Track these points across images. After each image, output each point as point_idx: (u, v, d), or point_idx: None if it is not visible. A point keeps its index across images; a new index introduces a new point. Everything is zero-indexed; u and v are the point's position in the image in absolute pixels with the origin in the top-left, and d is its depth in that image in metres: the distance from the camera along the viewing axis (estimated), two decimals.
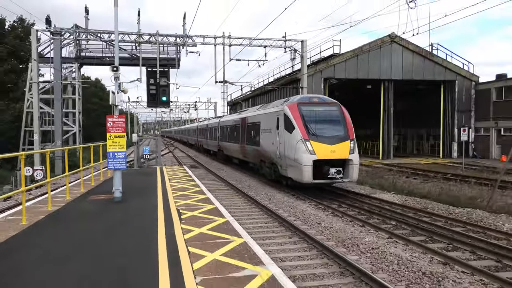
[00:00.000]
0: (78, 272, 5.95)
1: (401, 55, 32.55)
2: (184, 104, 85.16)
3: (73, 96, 37.43)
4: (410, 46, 32.79)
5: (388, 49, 32.62)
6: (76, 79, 36.68)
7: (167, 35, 30.18)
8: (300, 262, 8.42)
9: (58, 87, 30.98)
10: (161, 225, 8.61)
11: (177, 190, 13.79)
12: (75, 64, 35.71)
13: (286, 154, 16.53)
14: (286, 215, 12.73)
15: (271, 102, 25.52)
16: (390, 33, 32.21)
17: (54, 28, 30.17)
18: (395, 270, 7.86)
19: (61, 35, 30.44)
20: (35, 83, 30.83)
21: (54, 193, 13.44)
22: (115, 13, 12.04)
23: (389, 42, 32.44)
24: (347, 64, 32.16)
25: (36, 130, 30.36)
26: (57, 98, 31.01)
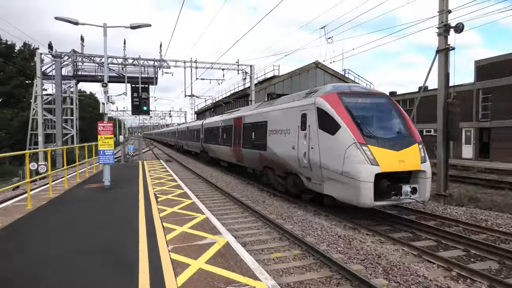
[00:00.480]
0: (75, 241, 5.74)
1: (323, 77, 33.29)
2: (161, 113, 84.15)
3: (71, 106, 35.82)
4: (330, 71, 33.59)
5: (314, 72, 33.30)
6: (74, 93, 35.34)
7: (147, 59, 29.60)
8: (250, 231, 8.45)
9: (59, 99, 29.84)
10: (142, 205, 8.39)
11: (155, 179, 13.46)
12: (73, 81, 34.45)
13: (324, 164, 9.07)
14: (239, 195, 12.72)
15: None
16: (315, 61, 32.96)
17: (55, 52, 29.19)
18: (319, 234, 8.06)
19: (61, 58, 29.30)
20: (39, 95, 29.53)
21: (55, 183, 12.76)
22: (104, 41, 11.68)
23: (314, 67, 33.13)
24: (284, 83, 32.56)
25: (40, 133, 29.10)
26: (58, 108, 29.84)
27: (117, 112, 75.23)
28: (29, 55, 49.07)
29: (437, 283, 5.39)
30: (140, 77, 27.56)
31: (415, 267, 6.01)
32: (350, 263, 6.26)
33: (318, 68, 33.20)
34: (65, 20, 11.46)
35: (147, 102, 20.77)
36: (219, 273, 4.44)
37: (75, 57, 29.96)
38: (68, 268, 4.59)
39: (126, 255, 5.01)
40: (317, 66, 33.00)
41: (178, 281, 4.17)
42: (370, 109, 9.53)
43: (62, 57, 29.39)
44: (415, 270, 5.85)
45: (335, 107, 9.02)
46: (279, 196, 12.57)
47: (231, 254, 5.11)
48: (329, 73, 33.76)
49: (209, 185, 15.65)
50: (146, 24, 12.29)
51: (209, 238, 5.88)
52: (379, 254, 6.60)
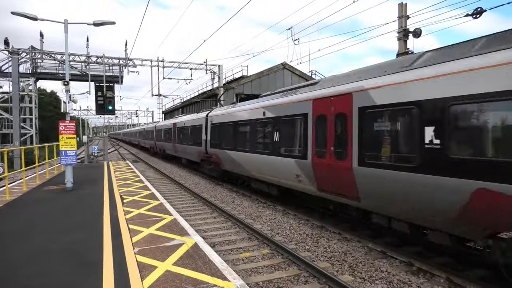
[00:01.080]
0: (34, 246, 5.45)
1: (290, 78, 33.62)
2: (127, 112, 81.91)
3: (30, 105, 33.96)
4: (297, 72, 33.99)
5: (281, 73, 33.59)
6: (33, 91, 33.52)
7: (112, 57, 28.65)
8: (219, 232, 8.38)
9: (16, 97, 28.21)
10: (106, 207, 8.11)
11: (121, 180, 13.06)
12: (31, 79, 32.64)
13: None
14: (208, 196, 12.60)
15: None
16: (283, 62, 33.24)
17: (12, 48, 27.44)
18: (287, 234, 8.12)
19: (19, 54, 27.75)
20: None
21: (12, 186, 12.07)
22: (65, 38, 11.18)
23: (282, 68, 33.41)
24: (252, 84, 32.62)
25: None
26: (15, 106, 28.23)
27: (80, 112, 72.65)
28: None
29: (399, 278, 5.59)
30: (104, 75, 26.60)
31: (379, 263, 6.20)
32: (317, 261, 6.36)
33: (286, 69, 33.55)
34: (22, 15, 10.86)
35: (112, 101, 20.20)
36: (187, 274, 4.37)
37: (33, 54, 28.52)
38: (27, 272, 4.34)
39: (90, 259, 4.82)
40: (285, 67, 33.34)
41: (144, 284, 4.06)
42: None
43: (20, 53, 27.89)
44: (379, 266, 6.04)
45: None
46: (248, 196, 12.56)
47: (200, 255, 5.04)
48: (296, 74, 34.21)
49: (177, 185, 15.39)
50: (110, 21, 11.89)
51: (177, 239, 5.78)
52: (345, 252, 6.76)
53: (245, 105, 12.85)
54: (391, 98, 5.96)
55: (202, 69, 31.47)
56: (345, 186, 7.03)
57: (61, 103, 11.74)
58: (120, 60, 28.91)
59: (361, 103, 6.62)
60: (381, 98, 6.17)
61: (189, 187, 14.42)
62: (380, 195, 6.26)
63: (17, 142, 27.64)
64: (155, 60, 29.43)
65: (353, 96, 6.87)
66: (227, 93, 31.96)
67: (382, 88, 6.18)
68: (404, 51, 11.74)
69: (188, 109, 41.08)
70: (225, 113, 14.38)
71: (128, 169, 17.12)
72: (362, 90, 6.62)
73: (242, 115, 12.45)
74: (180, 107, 45.49)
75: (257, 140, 11.25)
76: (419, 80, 5.52)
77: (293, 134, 9.04)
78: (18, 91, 28.65)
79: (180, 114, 31.49)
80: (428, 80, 5.37)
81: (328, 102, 7.62)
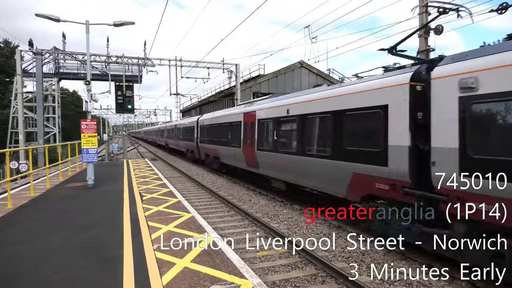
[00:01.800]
0: (56, 241, 5.61)
1: (308, 76, 33.41)
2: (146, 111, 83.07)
3: (53, 104, 35.00)
4: (314, 70, 33.73)
5: (299, 72, 33.42)
6: (56, 90, 34.58)
7: (131, 57, 29.13)
8: (236, 230, 8.41)
9: (40, 97, 29.04)
10: (126, 204, 8.26)
11: (140, 177, 13.28)
12: (54, 79, 33.65)
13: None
14: (225, 194, 12.67)
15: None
16: (300, 60, 33.06)
17: (36, 49, 28.32)
18: (304, 233, 8.09)
19: (42, 55, 28.58)
20: (20, 93, 28.74)
21: (36, 182, 12.45)
22: (87, 39, 11.46)
23: (299, 66, 33.24)
24: (269, 82, 32.56)
25: (21, 131, 28.36)
26: (39, 105, 29.05)
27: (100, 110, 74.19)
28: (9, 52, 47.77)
29: (419, 280, 5.48)
30: (124, 75, 27.10)
31: (398, 264, 6.10)
32: (335, 261, 6.31)
33: (303, 68, 33.35)
34: (46, 17, 11.18)
35: (132, 100, 20.50)
36: (204, 271, 4.40)
37: (56, 55, 29.33)
38: (48, 267, 4.47)
39: (111, 254, 4.92)
40: (302, 66, 33.14)
41: (163, 280, 4.12)
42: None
43: (43, 54, 28.70)
44: (398, 267, 5.93)
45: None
46: (265, 195, 12.56)
47: (217, 253, 5.08)
48: (313, 73, 33.95)
49: (195, 183, 15.54)
50: (130, 22, 12.09)
51: (195, 236, 5.83)
52: (363, 252, 6.68)
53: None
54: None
55: (219, 68, 31.62)
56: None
57: (83, 102, 12.03)
58: (139, 60, 29.37)
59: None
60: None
61: (206, 185, 14.53)
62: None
63: (41, 140, 28.47)
64: (173, 60, 29.76)
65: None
66: (244, 92, 32.04)
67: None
68: (425, 48, 11.48)
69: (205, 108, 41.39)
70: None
71: (147, 167, 17.40)
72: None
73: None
74: (197, 106, 45.86)
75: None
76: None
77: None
78: (42, 91, 29.55)
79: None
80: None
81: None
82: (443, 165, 5.40)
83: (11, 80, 43.95)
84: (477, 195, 4.91)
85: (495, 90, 4.79)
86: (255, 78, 33.87)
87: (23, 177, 18.88)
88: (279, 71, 33.19)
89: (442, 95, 5.50)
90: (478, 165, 4.90)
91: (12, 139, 33.63)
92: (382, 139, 6.60)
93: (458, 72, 5.27)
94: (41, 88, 29.19)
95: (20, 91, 28.73)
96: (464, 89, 5.15)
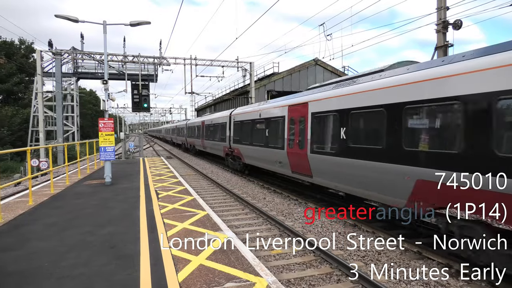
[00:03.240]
0: (76, 236, 5.73)
1: (322, 74, 33.16)
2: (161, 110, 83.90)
3: (72, 103, 35.81)
4: (329, 67, 33.45)
5: (313, 69, 33.16)
6: (74, 90, 35.34)
7: (147, 56, 29.45)
8: (250, 228, 8.42)
9: (59, 96, 29.68)
10: (143, 202, 8.37)
11: (156, 175, 13.44)
12: (73, 78, 34.45)
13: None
14: (239, 192, 12.70)
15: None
16: (315, 58, 32.78)
17: (55, 49, 28.99)
18: (319, 231, 8.04)
19: (61, 55, 29.20)
20: (40, 93, 29.43)
21: (56, 180, 12.74)
22: (104, 39, 11.63)
23: (314, 64, 32.97)
24: (283, 80, 32.45)
25: (41, 130, 29.00)
26: (59, 104, 29.69)
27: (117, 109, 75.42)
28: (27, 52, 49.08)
29: (437, 279, 5.37)
30: (140, 74, 27.47)
31: (415, 263, 5.99)
32: (350, 259, 6.25)
33: (318, 65, 33.10)
34: (65, 18, 11.39)
35: (147, 99, 20.82)
36: (220, 269, 4.42)
37: (75, 55, 29.93)
38: (67, 263, 4.56)
39: (128, 251, 4.99)
40: (317, 63, 32.89)
41: (179, 277, 4.15)
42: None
43: (62, 54, 29.32)
44: (415, 267, 5.83)
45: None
46: (279, 193, 12.54)
47: (232, 251, 5.09)
48: (328, 70, 33.67)
49: (209, 181, 15.63)
50: (146, 21, 12.22)
51: (210, 234, 5.86)
52: (379, 251, 6.59)
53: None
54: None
55: (234, 67, 31.66)
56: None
57: (100, 101, 12.23)
58: (154, 59, 29.68)
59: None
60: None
61: (221, 183, 14.60)
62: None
63: (60, 138, 29.13)
64: (188, 59, 29.95)
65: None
66: (258, 91, 32.04)
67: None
68: (443, 44, 11.23)
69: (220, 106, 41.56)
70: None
71: (162, 165, 17.59)
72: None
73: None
74: (212, 105, 46.10)
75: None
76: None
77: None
78: (61, 90, 30.24)
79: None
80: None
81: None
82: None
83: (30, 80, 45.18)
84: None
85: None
86: (269, 76, 33.81)
87: (43, 175, 19.37)
88: (293, 69, 33.07)
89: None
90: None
91: (33, 138, 34.57)
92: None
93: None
94: (60, 87, 29.86)
95: (40, 91, 29.43)
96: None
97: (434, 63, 6.42)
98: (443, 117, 5.97)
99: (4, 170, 27.26)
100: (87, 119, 61.09)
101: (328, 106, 9.04)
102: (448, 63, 5.93)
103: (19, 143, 37.59)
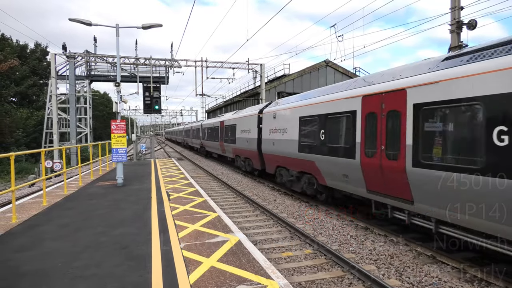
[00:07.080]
0: (89, 237, 5.78)
1: (333, 75, 32.98)
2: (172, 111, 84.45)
3: (85, 105, 36.32)
4: (340, 69, 33.26)
5: (324, 71, 33.03)
6: (87, 92, 35.87)
7: (158, 59, 29.76)
8: (261, 230, 8.41)
9: (73, 98, 30.23)
10: (154, 203, 8.43)
11: (167, 177, 13.52)
12: (86, 81, 34.97)
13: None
14: (250, 194, 12.70)
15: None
16: (326, 59, 32.66)
17: (69, 52, 29.55)
18: (330, 234, 7.97)
19: (75, 58, 29.71)
20: (54, 95, 29.94)
21: (69, 181, 12.92)
22: (117, 42, 11.78)
23: (325, 65, 32.84)
24: (294, 82, 32.37)
25: (55, 131, 29.53)
26: (72, 107, 30.23)
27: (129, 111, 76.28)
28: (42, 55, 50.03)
29: (451, 284, 5.27)
30: (151, 76, 27.75)
31: (428, 268, 5.89)
32: (362, 263, 6.18)
33: (328, 66, 32.94)
34: (79, 21, 11.58)
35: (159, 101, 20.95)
36: (231, 271, 4.41)
37: (88, 58, 30.42)
38: (80, 264, 4.61)
39: (139, 252, 5.02)
40: (327, 65, 32.74)
41: (191, 279, 4.16)
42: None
43: (76, 57, 29.82)
44: (429, 271, 5.74)
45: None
46: (290, 195, 12.49)
47: (243, 253, 5.08)
48: (339, 71, 33.48)
49: (220, 183, 15.66)
50: (158, 24, 12.35)
51: (221, 236, 5.86)
52: (391, 255, 6.50)
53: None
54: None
55: (244, 68, 31.79)
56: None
57: (113, 104, 12.38)
58: (166, 62, 29.97)
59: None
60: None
61: (231, 184, 14.62)
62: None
63: (74, 140, 29.59)
64: (199, 61, 30.18)
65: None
66: (268, 92, 32.03)
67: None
68: (458, 44, 11.05)
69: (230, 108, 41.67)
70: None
71: (173, 166, 17.70)
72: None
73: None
74: (222, 106, 46.26)
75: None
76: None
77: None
78: (75, 93, 30.71)
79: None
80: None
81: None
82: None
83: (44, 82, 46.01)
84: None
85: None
86: (280, 78, 33.79)
87: (57, 176, 19.69)
88: (304, 70, 32.96)
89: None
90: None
91: (47, 139, 35.17)
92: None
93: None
94: (74, 90, 30.34)
95: (55, 93, 29.93)
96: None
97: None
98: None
99: (19, 171, 27.76)
100: (99, 121, 61.90)
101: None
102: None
103: (33, 144, 38.31)
